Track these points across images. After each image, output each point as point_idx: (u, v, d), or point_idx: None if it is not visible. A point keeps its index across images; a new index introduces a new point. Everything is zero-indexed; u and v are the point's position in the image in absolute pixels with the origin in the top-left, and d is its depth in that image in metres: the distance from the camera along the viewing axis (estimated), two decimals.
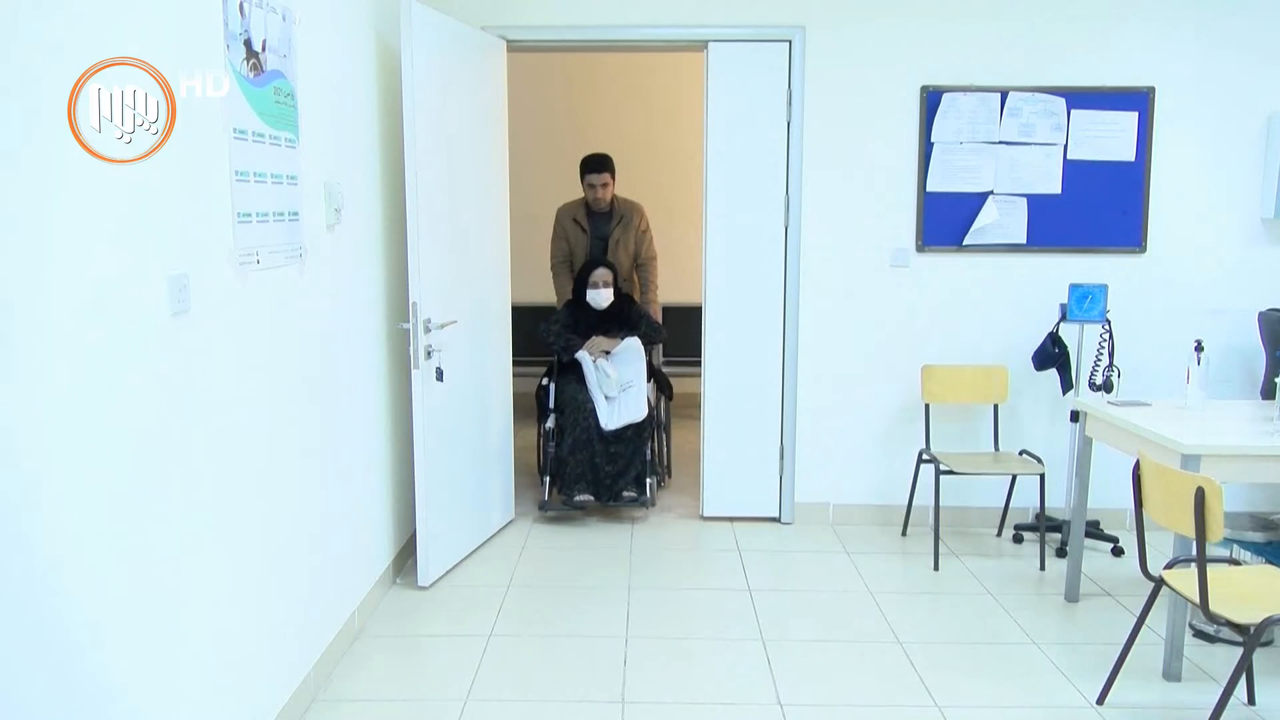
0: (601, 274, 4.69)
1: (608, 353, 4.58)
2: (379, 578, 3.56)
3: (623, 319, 4.75)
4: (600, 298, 4.69)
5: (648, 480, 4.48)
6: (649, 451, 4.52)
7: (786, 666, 3.09)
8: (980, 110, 4.22)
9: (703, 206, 4.34)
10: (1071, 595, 3.63)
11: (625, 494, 4.42)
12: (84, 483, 1.77)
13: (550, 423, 4.52)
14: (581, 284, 4.73)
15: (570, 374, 4.61)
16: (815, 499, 4.49)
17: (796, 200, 4.28)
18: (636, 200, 5.22)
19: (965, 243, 4.29)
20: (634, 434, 4.41)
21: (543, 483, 4.57)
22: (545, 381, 4.72)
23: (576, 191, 5.14)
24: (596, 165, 4.94)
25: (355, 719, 2.81)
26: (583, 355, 4.55)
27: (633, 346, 4.62)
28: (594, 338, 4.65)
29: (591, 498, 4.39)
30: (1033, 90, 4.21)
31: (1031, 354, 4.21)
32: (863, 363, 4.40)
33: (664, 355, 6.59)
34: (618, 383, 4.39)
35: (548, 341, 4.66)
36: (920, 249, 4.32)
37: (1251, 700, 2.87)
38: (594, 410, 4.38)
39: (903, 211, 4.31)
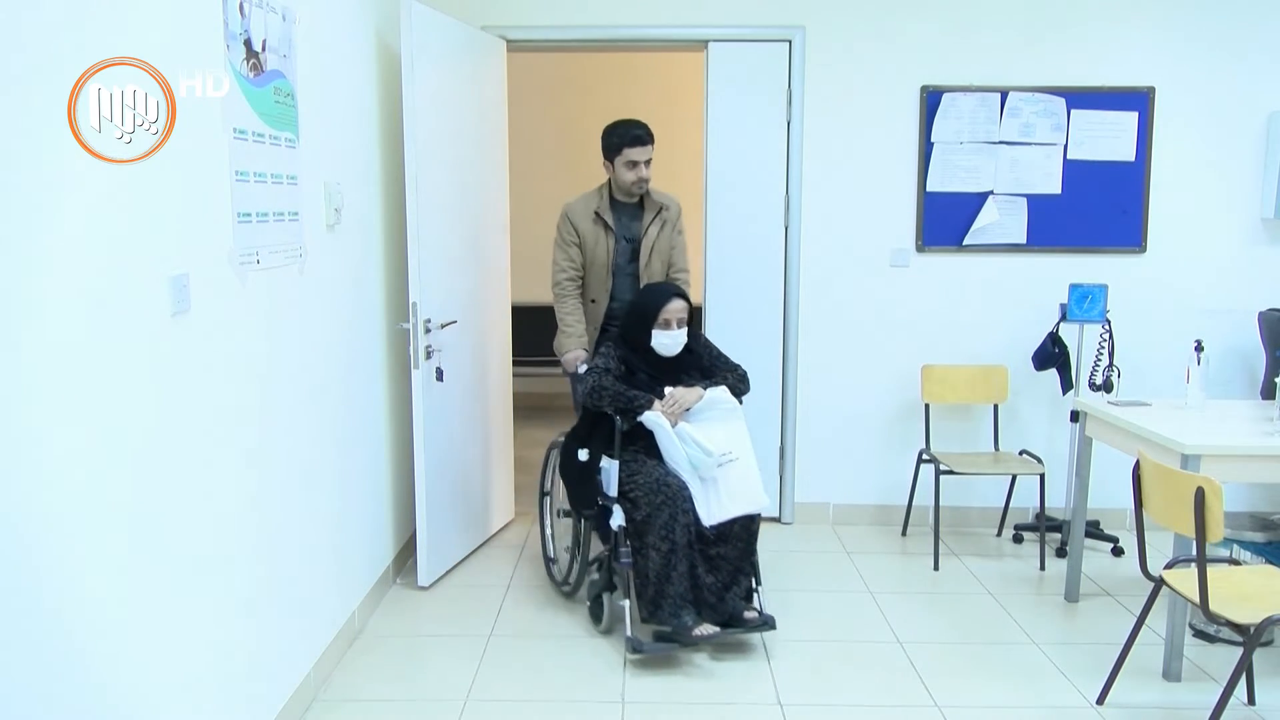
0: (676, 309, 3.29)
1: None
2: (379, 578, 3.56)
3: (692, 363, 3.42)
4: (673, 342, 3.33)
5: (756, 590, 3.27)
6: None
7: (786, 666, 3.09)
8: (980, 110, 4.22)
9: (703, 206, 4.34)
10: (1071, 595, 3.63)
11: (746, 614, 3.18)
12: (83, 482, 1.77)
13: (618, 519, 3.17)
14: (641, 322, 3.33)
15: (635, 444, 3.28)
16: (815, 499, 4.49)
17: (796, 200, 4.28)
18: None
19: (965, 243, 4.29)
20: (741, 527, 3.18)
21: (605, 604, 3.32)
22: (586, 456, 3.30)
23: (579, 186, 4.88)
24: (642, 135, 3.62)
25: (355, 719, 2.81)
26: (656, 419, 3.18)
27: (722, 400, 3.29)
28: (671, 391, 3.27)
29: (709, 629, 3.08)
30: (1033, 90, 4.21)
31: (1031, 354, 4.21)
32: (863, 363, 4.40)
33: None
34: (718, 456, 3.17)
35: (596, 402, 3.26)
36: (920, 249, 4.31)
37: (1251, 700, 2.87)
38: (686, 498, 3.13)
39: (903, 211, 4.31)
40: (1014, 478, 4.29)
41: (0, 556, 1.57)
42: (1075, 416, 3.97)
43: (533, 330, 6.44)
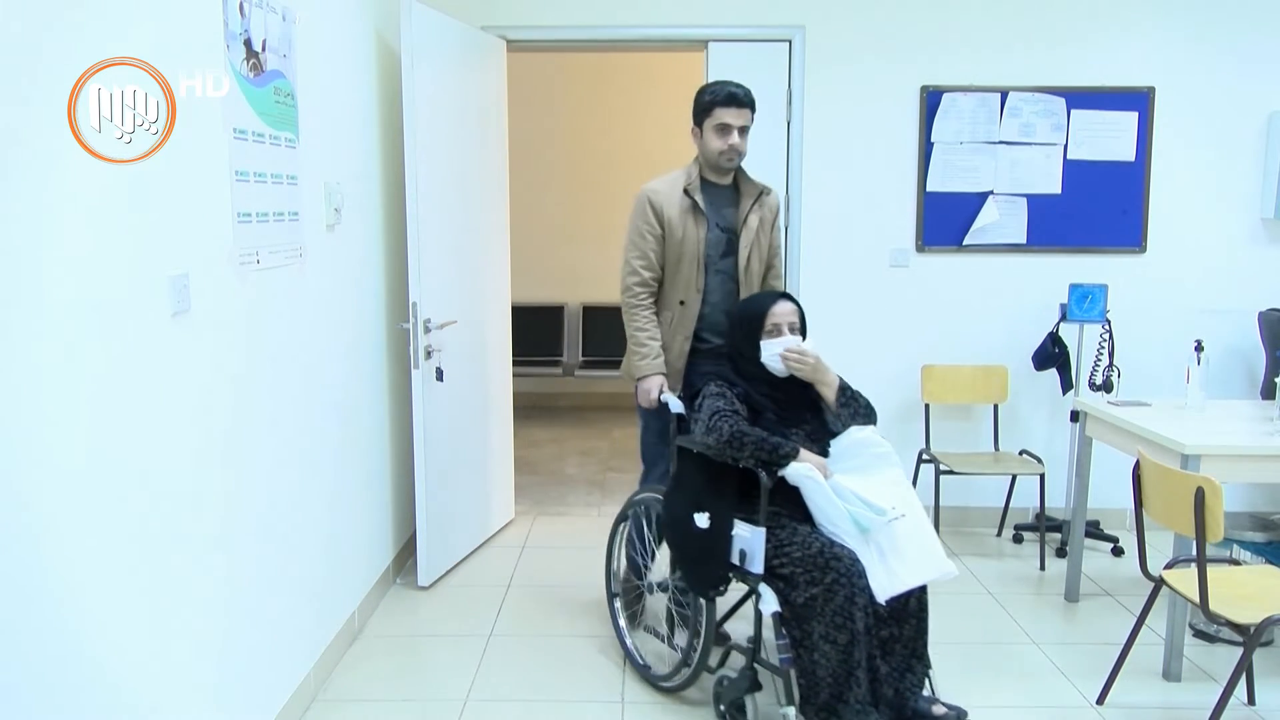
0: (786, 312, 2.77)
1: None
2: (379, 578, 3.56)
3: (810, 391, 2.80)
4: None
5: (929, 674, 2.63)
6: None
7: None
8: (980, 110, 4.22)
9: None
10: (1071, 595, 3.63)
11: (935, 710, 2.51)
12: (83, 482, 1.77)
13: (770, 604, 2.48)
14: (747, 333, 2.77)
15: (770, 502, 2.54)
16: None
17: (796, 200, 4.28)
18: None
19: (965, 243, 4.29)
20: (916, 600, 2.56)
21: (751, 713, 2.64)
22: (708, 522, 2.60)
23: (577, 195, 4.79)
24: (739, 94, 3.01)
25: (355, 719, 2.81)
26: (808, 473, 2.53)
27: (871, 443, 2.68)
28: (806, 450, 2.62)
29: None
30: (1033, 90, 4.21)
31: (1031, 354, 4.21)
32: (863, 362, 4.38)
33: None
34: (890, 513, 2.51)
35: (736, 452, 2.57)
36: (920, 249, 4.31)
37: (1251, 700, 2.87)
38: (861, 573, 2.44)
39: (903, 211, 4.31)
40: (1014, 478, 4.29)
41: (0, 555, 1.57)
42: (1075, 416, 3.97)
43: (533, 330, 6.48)
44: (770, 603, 2.49)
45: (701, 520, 2.61)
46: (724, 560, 2.58)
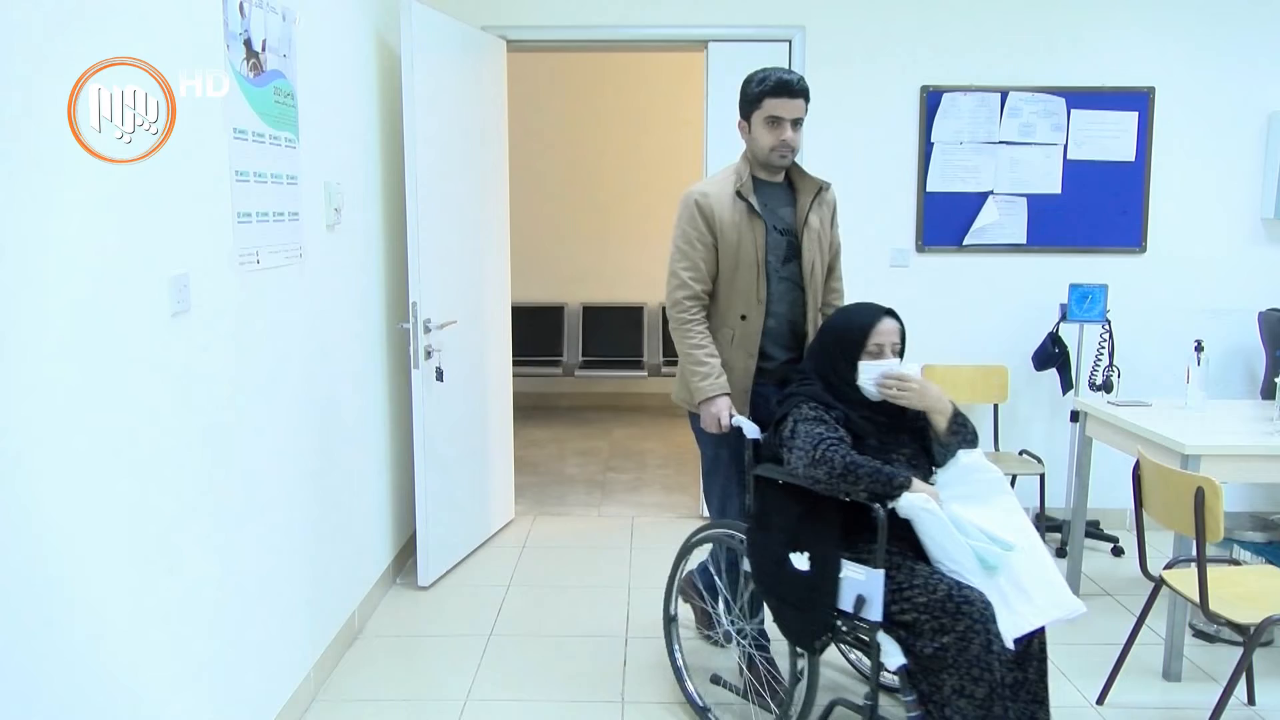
0: (889, 330, 2.49)
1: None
2: (379, 578, 3.56)
3: (906, 413, 2.51)
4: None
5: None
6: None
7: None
8: (980, 110, 4.22)
9: None
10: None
11: None
12: (83, 482, 1.77)
13: (894, 656, 2.23)
14: (844, 351, 2.48)
15: (878, 536, 2.25)
16: None
17: None
18: None
19: (965, 243, 4.29)
20: (1038, 641, 2.33)
21: None
22: (808, 563, 2.32)
23: (577, 195, 4.79)
24: (791, 83, 2.68)
25: (355, 719, 2.81)
26: (924, 507, 2.25)
27: (981, 468, 2.42)
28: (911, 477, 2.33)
29: None
30: (1033, 90, 4.21)
31: (1031, 354, 4.21)
32: None
33: (664, 356, 6.63)
34: (1015, 546, 2.27)
35: (850, 485, 2.27)
36: (920, 249, 4.31)
37: (1251, 700, 2.87)
38: (993, 616, 2.17)
39: (903, 211, 4.31)
40: (1014, 478, 4.29)
41: (0, 555, 1.57)
42: (1075, 416, 3.97)
43: (533, 330, 6.48)
44: (894, 655, 2.22)
45: (800, 561, 2.32)
46: (830, 606, 2.28)
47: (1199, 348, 3.41)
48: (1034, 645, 2.30)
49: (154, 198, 1.98)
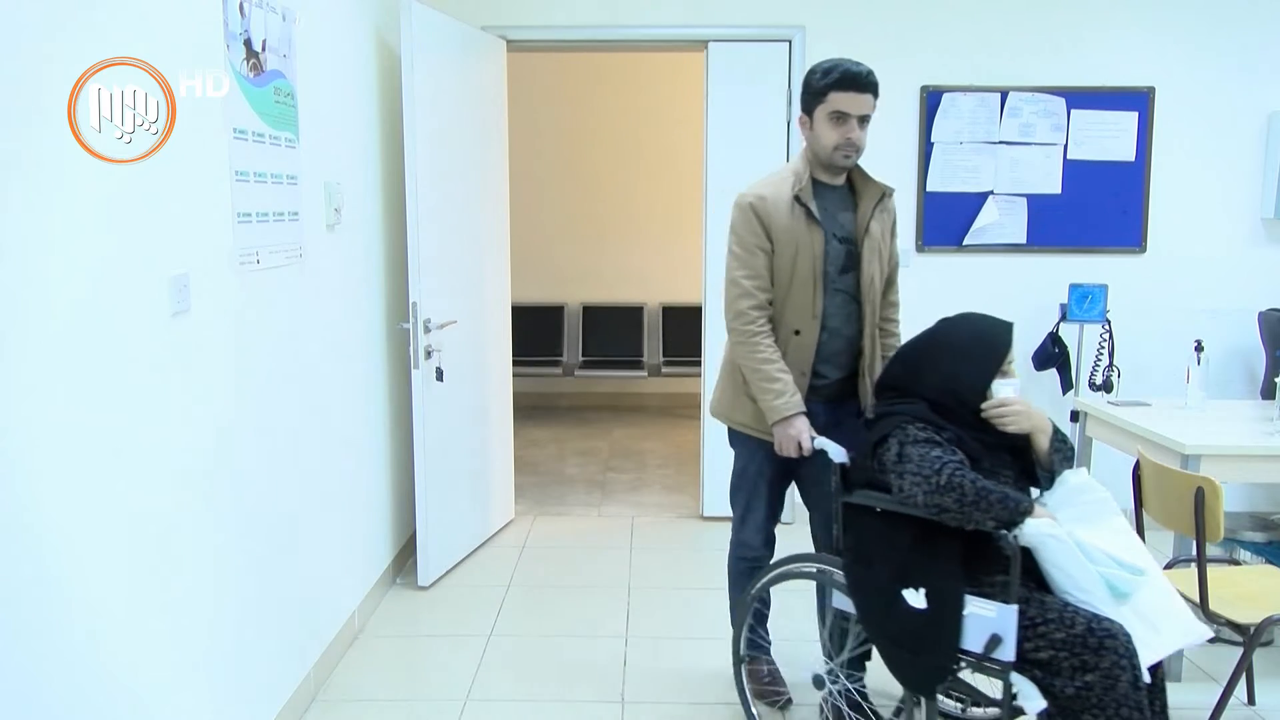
0: (1007, 350, 2.32)
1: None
2: (379, 578, 3.56)
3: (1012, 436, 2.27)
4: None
5: None
6: None
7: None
8: (980, 110, 4.22)
9: (703, 206, 4.34)
10: None
11: None
12: (83, 482, 1.77)
13: (1033, 699, 2.03)
14: (978, 369, 2.27)
15: (998, 570, 2.10)
16: None
17: None
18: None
19: (965, 243, 4.29)
20: (1161, 668, 2.17)
21: None
22: (924, 600, 2.11)
23: (576, 195, 4.81)
24: (859, 76, 2.55)
25: (355, 719, 2.81)
26: (1050, 534, 2.07)
27: (1089, 487, 2.25)
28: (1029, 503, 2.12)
29: None
30: (1033, 90, 4.21)
31: (1031, 354, 4.21)
32: None
33: (664, 356, 6.63)
34: (1145, 573, 2.11)
35: (982, 514, 2.05)
36: (920, 249, 4.31)
37: (1251, 700, 2.87)
38: (1134, 650, 1.99)
39: (903, 211, 4.26)
40: None
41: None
42: (1075, 416, 3.97)
43: (533, 330, 6.48)
44: (1033, 698, 2.03)
45: (915, 599, 2.12)
46: (953, 647, 2.09)
47: (1199, 348, 3.41)
48: (1157, 676, 2.13)
49: (154, 198, 1.98)
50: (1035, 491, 2.28)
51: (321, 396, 2.97)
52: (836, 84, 2.48)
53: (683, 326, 6.41)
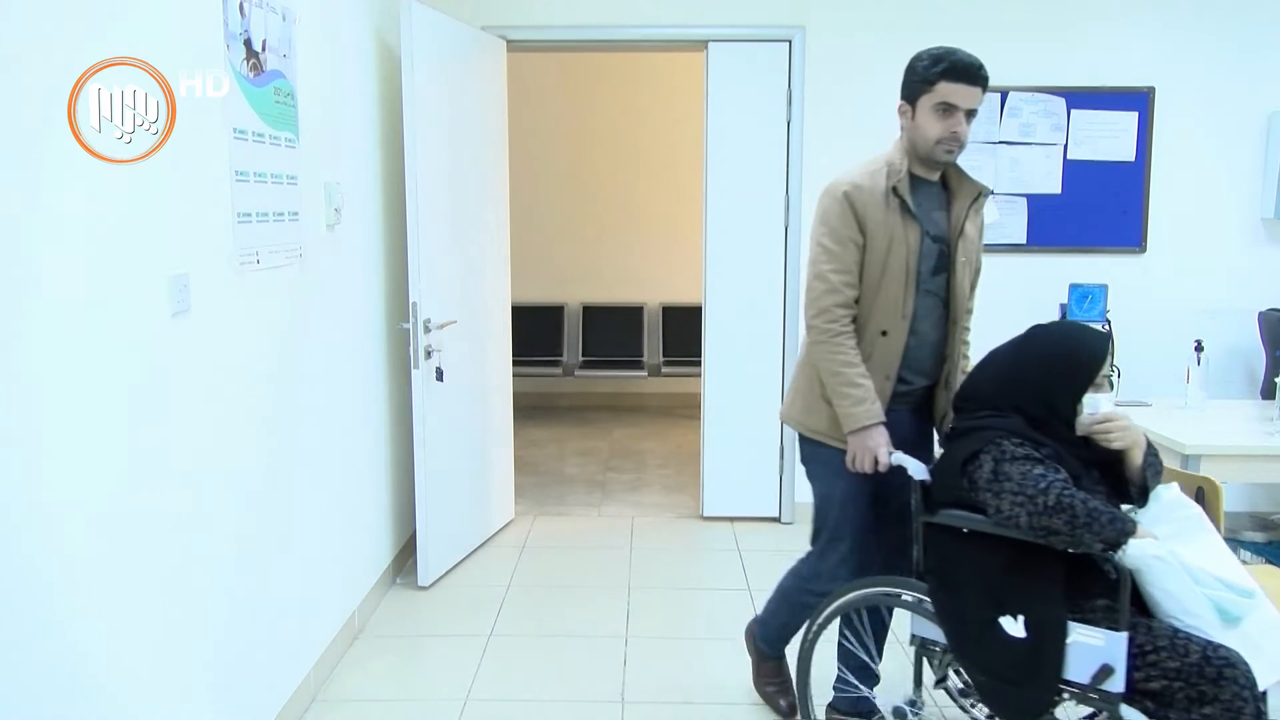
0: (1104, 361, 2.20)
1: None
2: (379, 578, 3.56)
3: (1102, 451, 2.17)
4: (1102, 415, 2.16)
5: None
6: None
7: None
8: (980, 110, 4.20)
9: (702, 206, 4.34)
10: None
11: None
12: (83, 482, 1.77)
13: None
14: (1071, 380, 2.14)
15: (1097, 594, 2.02)
16: None
17: (796, 200, 4.28)
18: None
19: None
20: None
21: None
22: (1024, 628, 2.00)
23: (576, 195, 4.82)
24: (972, 68, 2.34)
25: (355, 719, 2.81)
26: (1156, 555, 1.96)
27: (1181, 503, 2.17)
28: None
29: None
30: (1033, 90, 4.21)
31: None
32: None
33: (664, 356, 6.64)
34: (1256, 594, 2.02)
35: (1093, 535, 1.93)
36: None
37: None
38: (1252, 677, 1.86)
39: None
40: None
41: None
42: None
43: (533, 330, 6.48)
44: None
45: (1013, 627, 2.01)
46: (1055, 678, 1.97)
47: (1199, 348, 3.41)
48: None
49: (154, 198, 1.98)
50: (1126, 508, 2.15)
51: (321, 396, 2.97)
52: (947, 74, 2.31)
53: (683, 327, 6.41)
